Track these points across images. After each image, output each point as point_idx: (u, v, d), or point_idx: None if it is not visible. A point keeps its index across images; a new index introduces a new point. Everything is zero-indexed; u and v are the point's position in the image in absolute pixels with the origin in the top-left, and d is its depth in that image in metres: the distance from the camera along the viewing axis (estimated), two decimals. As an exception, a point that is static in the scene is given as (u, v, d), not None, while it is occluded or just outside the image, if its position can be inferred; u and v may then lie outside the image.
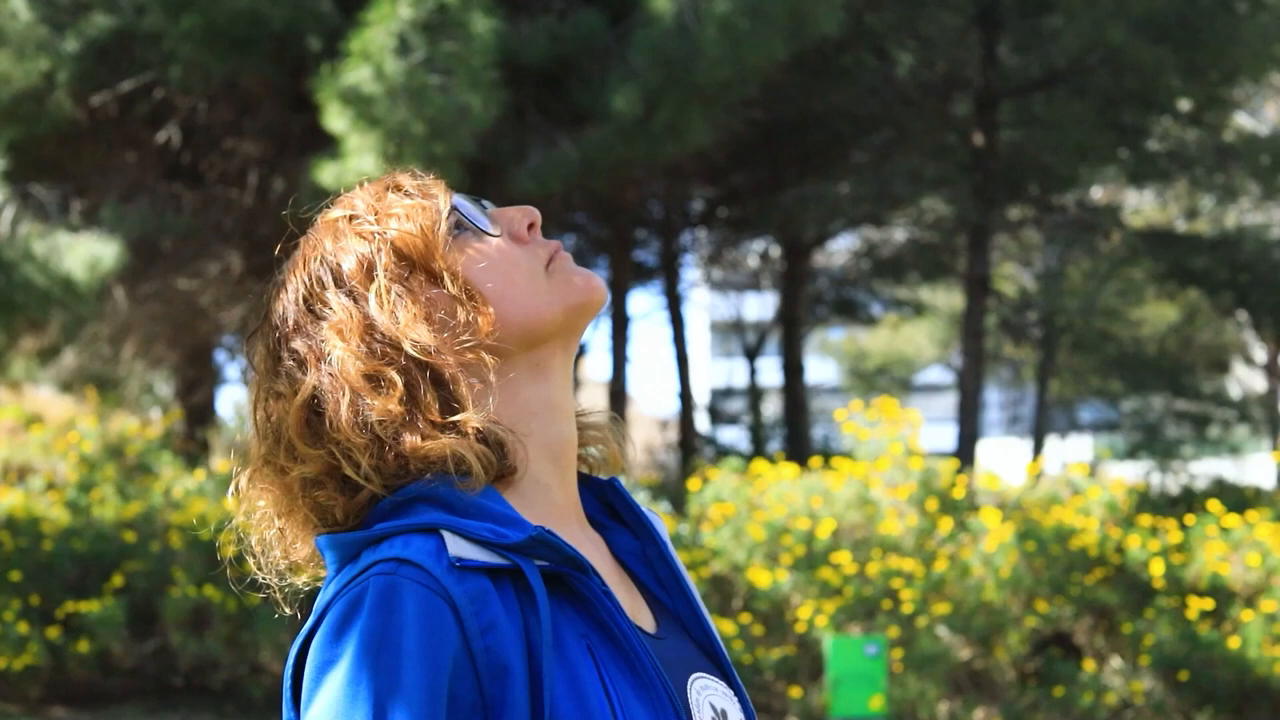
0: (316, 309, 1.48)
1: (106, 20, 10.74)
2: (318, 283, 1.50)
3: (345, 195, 1.57)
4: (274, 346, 1.50)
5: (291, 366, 1.47)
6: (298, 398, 1.44)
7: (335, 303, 1.47)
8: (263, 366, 1.51)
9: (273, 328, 1.51)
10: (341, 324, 1.45)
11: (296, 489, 1.45)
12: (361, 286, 1.47)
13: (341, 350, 1.43)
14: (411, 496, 1.40)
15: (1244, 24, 13.16)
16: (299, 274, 1.52)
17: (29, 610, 10.20)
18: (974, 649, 9.67)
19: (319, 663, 1.33)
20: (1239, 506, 11.17)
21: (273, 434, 1.47)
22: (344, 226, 1.52)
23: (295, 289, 1.51)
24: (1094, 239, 16.93)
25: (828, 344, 32.10)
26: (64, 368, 17.50)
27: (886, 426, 10.25)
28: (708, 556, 9.91)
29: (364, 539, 1.39)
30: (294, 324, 1.49)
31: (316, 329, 1.47)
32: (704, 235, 19.81)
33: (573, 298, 1.50)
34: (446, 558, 1.34)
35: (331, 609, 1.35)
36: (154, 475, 11.52)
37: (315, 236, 1.54)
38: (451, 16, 9.49)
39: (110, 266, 10.54)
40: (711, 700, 1.47)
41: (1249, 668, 9.28)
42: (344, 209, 1.54)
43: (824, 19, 10.38)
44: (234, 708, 10.28)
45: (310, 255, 1.52)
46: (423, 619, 1.31)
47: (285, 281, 1.53)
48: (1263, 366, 22.16)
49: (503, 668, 1.32)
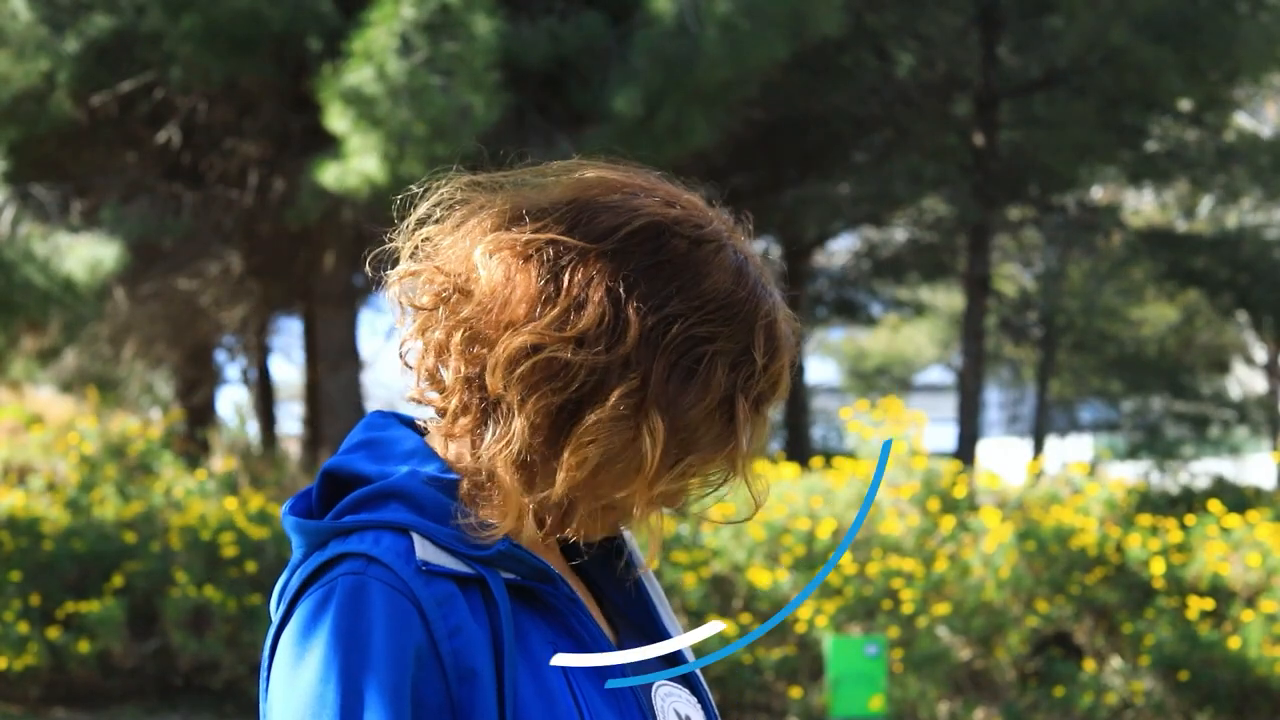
0: (697, 359, 1.35)
1: (106, 20, 10.74)
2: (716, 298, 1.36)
3: (791, 352, 1.43)
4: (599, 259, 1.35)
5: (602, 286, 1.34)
6: (579, 325, 1.33)
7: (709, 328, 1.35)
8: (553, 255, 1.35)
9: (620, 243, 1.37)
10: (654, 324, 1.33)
11: (433, 349, 1.39)
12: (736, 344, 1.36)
13: (633, 340, 1.33)
14: (384, 490, 1.38)
15: (1245, 24, 13.16)
16: (737, 258, 1.39)
17: (29, 610, 10.19)
18: (974, 649, 9.67)
19: (288, 661, 1.33)
20: (1239, 506, 11.17)
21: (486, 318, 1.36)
22: (759, 319, 1.39)
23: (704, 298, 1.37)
24: (1094, 239, 16.93)
25: (828, 344, 32.09)
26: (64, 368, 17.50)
27: (890, 426, 10.26)
28: (708, 556, 9.91)
29: (333, 529, 1.38)
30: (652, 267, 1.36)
31: (660, 298, 1.35)
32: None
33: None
34: (415, 560, 1.34)
35: (300, 605, 1.35)
36: (154, 475, 11.52)
37: (753, 259, 1.42)
38: (453, 17, 9.49)
39: (110, 267, 10.55)
40: (676, 707, 1.47)
41: (1249, 668, 9.28)
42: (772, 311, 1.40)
43: (824, 19, 10.39)
44: (234, 708, 10.28)
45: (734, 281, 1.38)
46: (390, 620, 1.31)
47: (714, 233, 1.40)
48: (1263, 367, 22.16)
49: (470, 671, 1.32)
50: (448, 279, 1.39)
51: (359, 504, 1.39)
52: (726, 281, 1.38)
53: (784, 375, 1.42)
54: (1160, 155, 15.50)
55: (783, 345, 1.41)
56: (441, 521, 1.37)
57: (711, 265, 1.39)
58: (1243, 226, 17.61)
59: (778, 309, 1.41)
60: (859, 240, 20.22)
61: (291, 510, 1.45)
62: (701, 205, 1.46)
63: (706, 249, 1.40)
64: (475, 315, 1.36)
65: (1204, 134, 15.44)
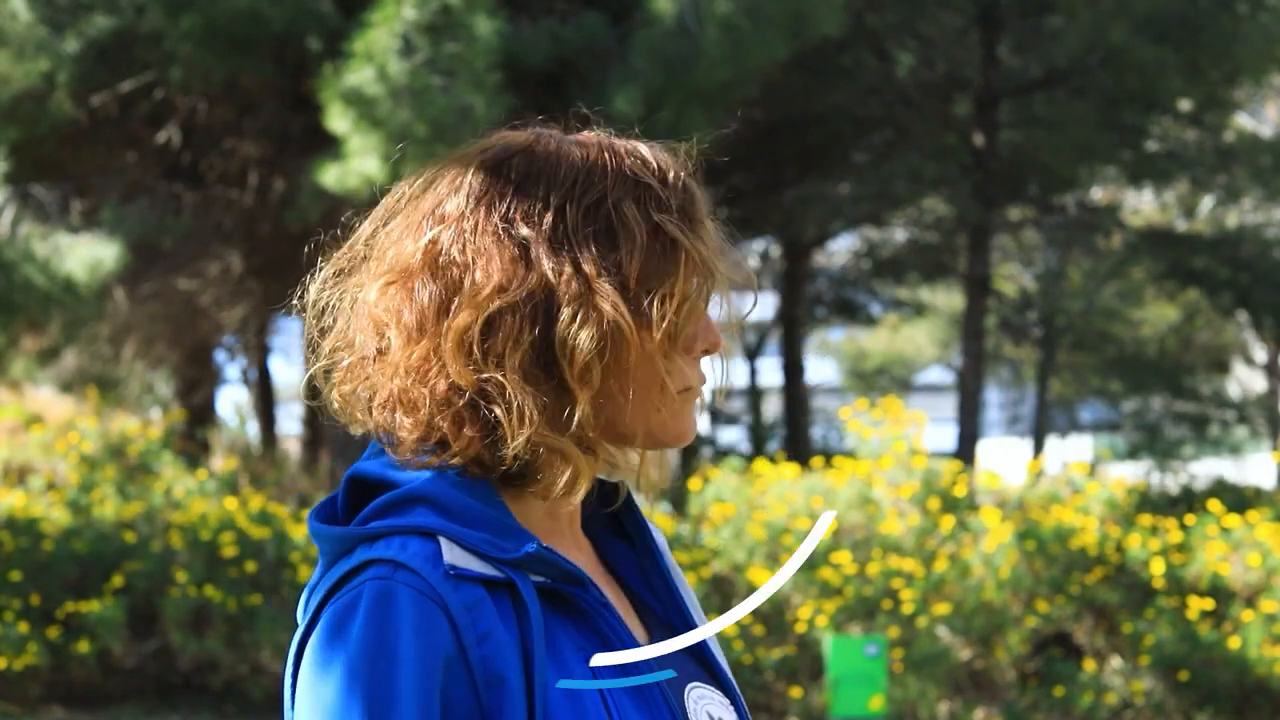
0: (566, 237, 1.36)
1: (106, 20, 10.74)
2: (583, 217, 1.37)
3: (631, 144, 1.44)
4: (481, 213, 1.37)
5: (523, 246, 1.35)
6: (523, 287, 1.34)
7: (589, 259, 1.36)
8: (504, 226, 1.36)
9: (560, 185, 1.38)
10: (596, 282, 1.34)
11: (402, 373, 1.37)
12: (634, 282, 1.37)
13: (610, 297, 1.34)
14: (410, 495, 1.36)
15: (1245, 24, 13.16)
16: (556, 188, 1.38)
17: (29, 610, 10.20)
18: (974, 649, 9.68)
19: (314, 667, 1.31)
20: (1239, 506, 11.17)
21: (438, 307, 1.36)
22: (640, 194, 1.40)
23: (547, 198, 1.38)
24: (1094, 239, 16.94)
25: (828, 344, 32.09)
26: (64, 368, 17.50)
27: (890, 425, 10.26)
28: (708, 556, 9.91)
29: (359, 535, 1.35)
30: (535, 221, 1.37)
31: (557, 259, 1.35)
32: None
33: (667, 432, 1.43)
34: (443, 564, 1.32)
35: (326, 612, 1.33)
36: (154, 475, 11.52)
37: (593, 163, 1.40)
38: (454, 18, 9.49)
39: (111, 268, 10.55)
40: (709, 709, 1.45)
41: (1249, 668, 9.29)
42: (646, 171, 1.42)
43: (825, 19, 10.39)
44: (234, 708, 10.28)
45: (584, 182, 1.39)
46: (417, 626, 1.29)
47: (521, 170, 1.40)
48: (1263, 367, 22.17)
49: (499, 677, 1.30)
50: (369, 332, 1.41)
51: (385, 509, 1.37)
52: (578, 152, 1.41)
53: (688, 185, 1.44)
54: (1160, 155, 15.50)
55: (667, 164, 1.45)
56: (469, 524, 1.35)
57: (560, 151, 1.41)
58: (1243, 226, 17.62)
59: (639, 144, 1.45)
60: (859, 240, 20.23)
61: (316, 517, 1.42)
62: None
63: (548, 142, 1.43)
64: (404, 345, 1.37)
65: (1204, 134, 15.44)
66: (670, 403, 1.42)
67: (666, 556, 1.55)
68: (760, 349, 23.46)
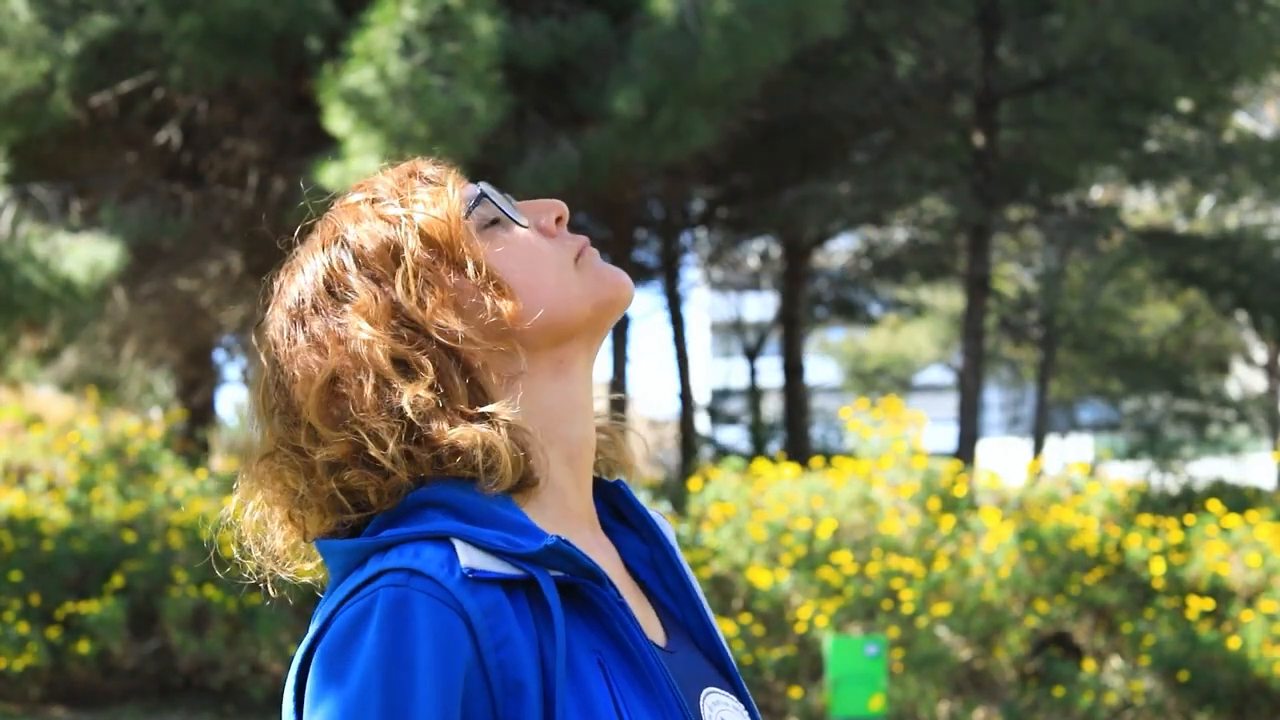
0: (337, 292, 1.43)
1: (106, 20, 10.74)
2: (339, 265, 1.44)
3: (365, 180, 1.52)
4: (289, 330, 1.44)
5: (307, 349, 1.41)
6: (317, 379, 1.39)
7: (358, 285, 1.42)
8: (274, 352, 1.45)
9: (286, 311, 1.45)
10: (366, 307, 1.40)
11: (321, 471, 1.39)
12: (387, 270, 1.42)
13: (369, 333, 1.39)
14: (421, 501, 1.35)
15: (1245, 24, 13.16)
16: (317, 257, 1.46)
17: (29, 610, 10.20)
18: (974, 649, 9.68)
19: (324, 676, 1.28)
20: (1239, 506, 11.17)
21: (290, 418, 1.42)
22: (366, 210, 1.47)
23: (314, 271, 1.45)
24: (1094, 239, 16.92)
25: (828, 344, 32.09)
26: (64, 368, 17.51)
27: (890, 425, 10.26)
28: (708, 556, 9.91)
29: (371, 545, 1.33)
30: (312, 306, 1.43)
31: (338, 312, 1.42)
32: (704, 235, 19.82)
33: (603, 293, 1.46)
34: (459, 569, 1.29)
35: (337, 619, 1.30)
36: (154, 475, 11.52)
37: (334, 219, 1.48)
38: (455, 18, 9.49)
39: (110, 268, 10.55)
40: (724, 716, 1.43)
41: (1249, 668, 9.29)
42: (365, 193, 1.49)
43: (825, 19, 10.38)
44: (234, 708, 10.28)
45: (329, 238, 1.47)
46: (435, 634, 1.26)
47: (301, 264, 1.48)
48: (1263, 366, 22.17)
49: (517, 684, 1.28)
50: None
51: (394, 517, 1.36)
52: (380, 229, 1.46)
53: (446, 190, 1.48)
54: (1160, 155, 15.49)
55: (376, 178, 1.51)
56: (483, 524, 1.34)
57: (346, 216, 1.49)
58: (1243, 226, 17.62)
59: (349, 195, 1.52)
60: (859, 240, 20.23)
61: (321, 534, 1.42)
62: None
63: (305, 245, 1.51)
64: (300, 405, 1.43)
65: (1204, 134, 15.43)
66: (575, 278, 1.46)
67: (677, 551, 1.54)
68: (760, 349, 23.47)
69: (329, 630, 1.30)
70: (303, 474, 1.41)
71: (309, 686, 1.30)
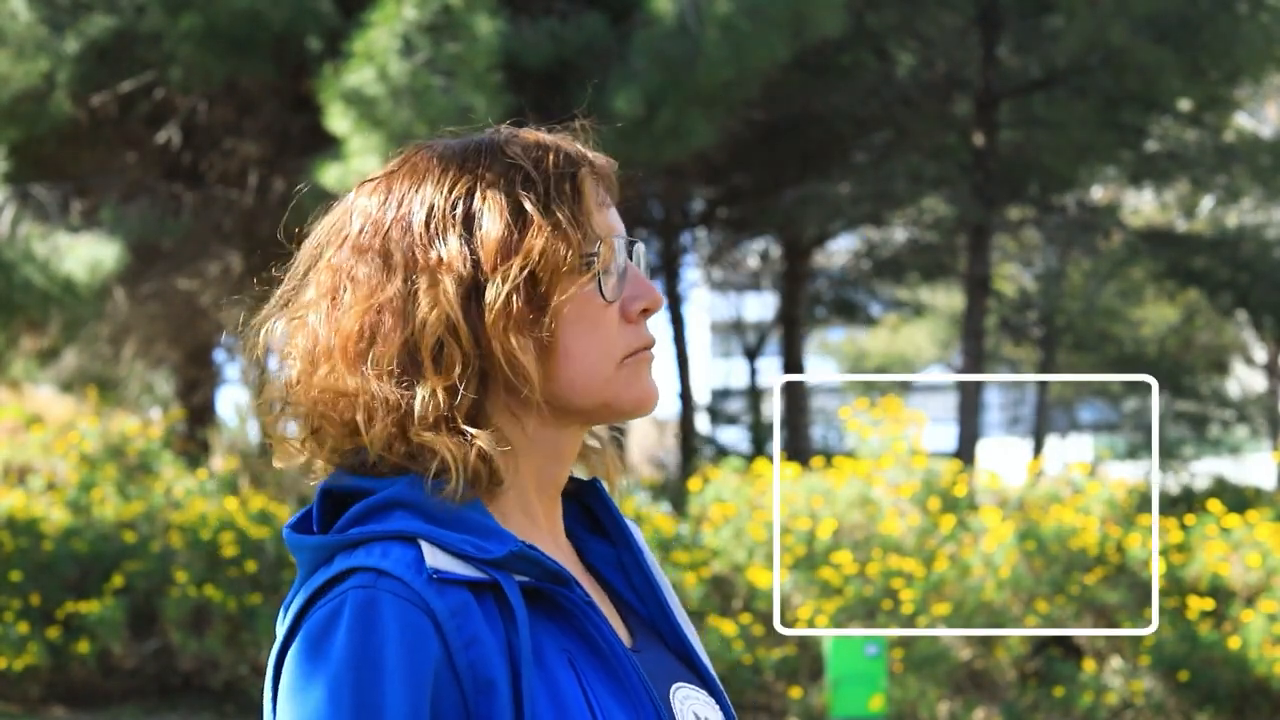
0: (434, 230, 1.38)
1: (106, 20, 10.75)
2: (451, 208, 1.39)
3: (529, 133, 1.45)
4: (383, 216, 1.40)
5: (384, 252, 1.38)
6: (371, 301, 1.37)
7: (453, 246, 1.37)
8: (359, 227, 1.41)
9: (398, 198, 1.41)
10: (453, 264, 1.36)
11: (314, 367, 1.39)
12: (487, 259, 1.37)
13: (450, 286, 1.35)
14: (389, 501, 1.35)
15: (1245, 24, 13.17)
16: (434, 185, 1.41)
17: (29, 610, 10.20)
18: (974, 649, 9.67)
19: (296, 678, 1.29)
20: (1239, 506, 11.17)
21: (327, 302, 1.40)
22: (510, 176, 1.40)
23: (424, 197, 1.40)
24: (1094, 239, 16.94)
25: (827, 344, 32.09)
26: (64, 368, 17.50)
27: (890, 425, 10.26)
28: (708, 556, 9.91)
29: (338, 543, 1.33)
30: (407, 226, 1.39)
31: (424, 252, 1.38)
32: (704, 235, 19.83)
33: (622, 398, 1.42)
34: (426, 569, 1.29)
35: (307, 621, 1.31)
36: (154, 475, 11.52)
37: (472, 158, 1.41)
38: (455, 18, 9.49)
39: (110, 268, 10.55)
40: (695, 709, 1.44)
41: (1249, 668, 9.29)
42: (524, 156, 1.42)
43: (825, 19, 10.39)
44: (234, 708, 10.29)
45: (457, 176, 1.40)
46: (404, 634, 1.26)
47: (409, 177, 1.43)
48: (1263, 366, 22.18)
49: (488, 682, 1.28)
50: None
51: (363, 516, 1.35)
52: (459, 148, 1.43)
53: (568, 163, 1.43)
54: (1160, 155, 15.50)
55: (550, 146, 1.45)
56: (449, 527, 1.33)
57: (445, 152, 1.44)
58: (1243, 226, 17.62)
59: (530, 133, 1.46)
60: (859, 240, 20.23)
61: (291, 529, 1.41)
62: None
63: (436, 146, 1.45)
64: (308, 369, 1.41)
65: (1204, 134, 15.44)
66: (612, 371, 1.41)
67: (646, 553, 1.54)
68: (760, 349, 23.47)
69: (300, 632, 1.32)
70: (304, 342, 1.41)
71: (282, 688, 1.31)
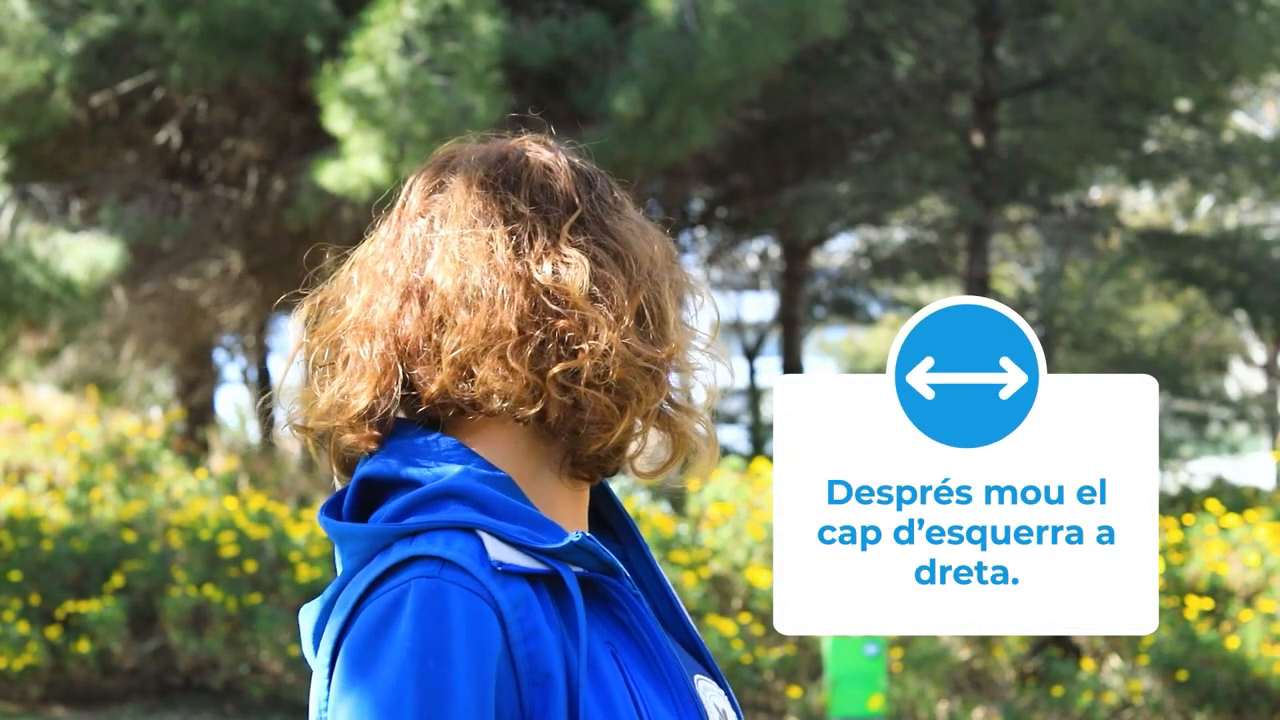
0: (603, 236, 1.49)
1: (106, 20, 10.75)
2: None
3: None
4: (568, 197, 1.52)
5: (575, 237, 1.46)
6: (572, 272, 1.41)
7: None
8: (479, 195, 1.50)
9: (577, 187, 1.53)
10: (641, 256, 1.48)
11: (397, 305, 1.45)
12: (655, 265, 1.48)
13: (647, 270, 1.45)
14: (442, 491, 1.33)
15: (1244, 24, 13.17)
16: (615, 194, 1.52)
17: (29, 610, 10.20)
18: (973, 649, 9.68)
19: (355, 667, 1.26)
20: (1238, 506, 11.18)
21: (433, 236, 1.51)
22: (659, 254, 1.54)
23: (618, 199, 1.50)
24: (1093, 239, 16.93)
25: (827, 344, 32.09)
26: (64, 368, 17.51)
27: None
28: (707, 556, 9.92)
29: (396, 531, 1.32)
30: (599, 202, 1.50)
31: (602, 231, 1.48)
32: (703, 235, 19.83)
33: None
34: (489, 561, 1.29)
35: (366, 608, 1.29)
36: (154, 475, 11.53)
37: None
38: (455, 18, 9.50)
39: (110, 267, 10.55)
40: (714, 701, 1.45)
41: (1248, 667, 9.29)
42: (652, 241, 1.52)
43: (825, 20, 10.39)
44: (234, 708, 10.29)
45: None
46: (470, 625, 1.25)
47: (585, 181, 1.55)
48: (1262, 366, 22.17)
49: (545, 675, 1.28)
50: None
51: (415, 506, 1.34)
52: (560, 175, 1.58)
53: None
54: (1159, 155, 15.50)
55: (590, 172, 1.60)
56: (506, 518, 1.33)
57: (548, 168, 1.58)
58: (1242, 226, 17.61)
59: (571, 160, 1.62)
60: (858, 240, 20.23)
61: (330, 514, 1.39)
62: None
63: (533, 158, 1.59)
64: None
65: (1203, 134, 15.44)
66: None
67: (649, 549, 1.56)
68: (760, 349, 23.47)
69: (357, 620, 1.29)
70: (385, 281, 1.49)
71: (336, 678, 1.28)
